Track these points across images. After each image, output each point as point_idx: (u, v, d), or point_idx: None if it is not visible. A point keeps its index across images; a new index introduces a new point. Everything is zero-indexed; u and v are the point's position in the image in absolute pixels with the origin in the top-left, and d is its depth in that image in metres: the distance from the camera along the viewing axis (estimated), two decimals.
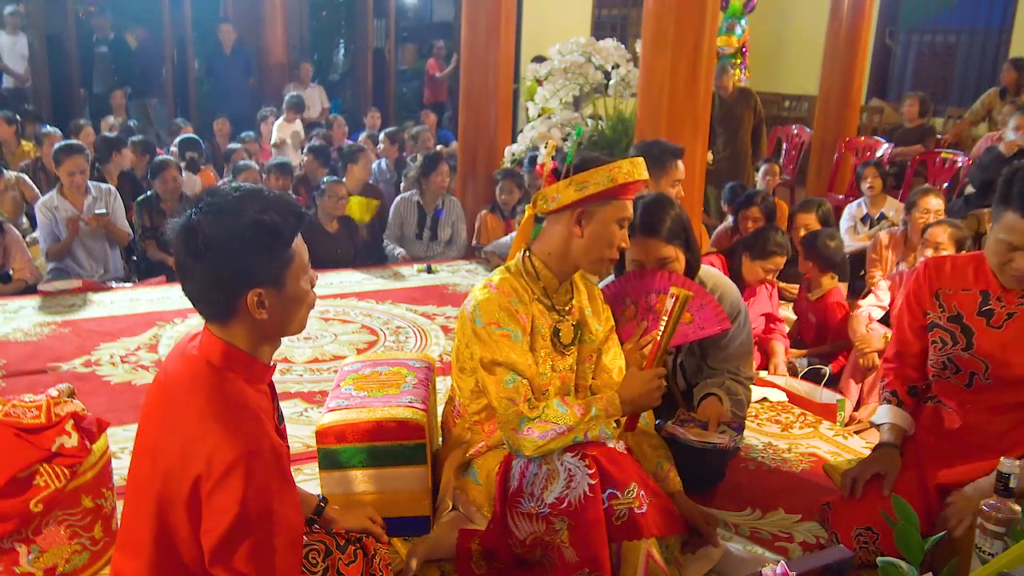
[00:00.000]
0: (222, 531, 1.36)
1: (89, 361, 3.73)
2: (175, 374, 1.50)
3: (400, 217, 5.68)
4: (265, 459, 1.39)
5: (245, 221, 1.42)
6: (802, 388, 3.51)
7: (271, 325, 1.49)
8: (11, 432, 1.99)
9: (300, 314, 1.54)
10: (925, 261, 2.25)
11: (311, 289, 1.54)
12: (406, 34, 12.75)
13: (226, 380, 1.46)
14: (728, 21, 7.45)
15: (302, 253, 1.51)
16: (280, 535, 1.41)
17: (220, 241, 1.41)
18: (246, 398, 1.46)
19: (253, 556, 1.38)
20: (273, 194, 1.50)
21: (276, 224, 1.43)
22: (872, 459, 2.21)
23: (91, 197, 4.80)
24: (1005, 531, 1.57)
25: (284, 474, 1.45)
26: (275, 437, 1.46)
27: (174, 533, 1.44)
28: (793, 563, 1.35)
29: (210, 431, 1.38)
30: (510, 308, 2.06)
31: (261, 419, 1.45)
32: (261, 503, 1.37)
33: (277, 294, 1.46)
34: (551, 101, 5.71)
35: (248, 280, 1.43)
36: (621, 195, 2.07)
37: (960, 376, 2.10)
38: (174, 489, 1.40)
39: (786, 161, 8.03)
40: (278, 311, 1.48)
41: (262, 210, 1.43)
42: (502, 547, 2.05)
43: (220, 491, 1.35)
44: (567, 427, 1.95)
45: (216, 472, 1.35)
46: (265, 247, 1.43)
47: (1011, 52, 8.45)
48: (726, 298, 2.55)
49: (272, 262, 1.44)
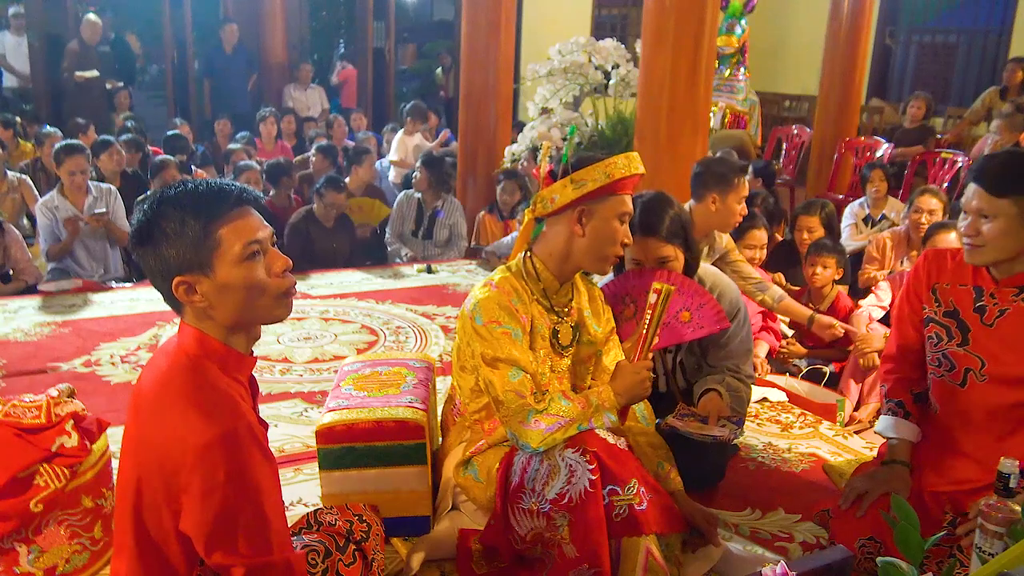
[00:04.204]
0: (212, 515, 1.34)
1: (89, 361, 3.73)
2: (155, 368, 1.50)
3: (401, 214, 5.70)
4: (242, 437, 1.37)
5: (157, 211, 1.42)
6: (802, 388, 3.52)
7: (222, 313, 1.45)
8: (11, 432, 1.99)
9: (252, 301, 1.46)
10: (925, 253, 2.20)
11: (269, 276, 1.47)
12: (406, 34, 12.77)
13: (200, 367, 1.44)
14: (728, 21, 7.45)
15: (244, 237, 1.43)
16: (271, 510, 1.40)
17: (144, 233, 1.43)
18: (218, 381, 1.44)
19: (249, 534, 1.37)
20: (201, 184, 1.46)
21: (185, 211, 1.41)
22: (882, 479, 2.10)
23: (91, 197, 4.81)
24: (1005, 531, 1.57)
25: (265, 451, 1.43)
26: (252, 417, 1.45)
27: (155, 531, 1.42)
28: (793, 563, 1.35)
29: (184, 417, 1.37)
30: (510, 307, 2.07)
31: (236, 400, 1.43)
32: (244, 480, 1.36)
33: (209, 281, 1.42)
34: (551, 101, 5.72)
35: (168, 268, 1.42)
36: (619, 190, 2.08)
37: (954, 374, 2.07)
38: (154, 483, 1.39)
39: (786, 161, 8.03)
40: (216, 298, 1.43)
41: (176, 198, 1.42)
42: (503, 544, 2.05)
43: (199, 475, 1.33)
44: (571, 418, 1.97)
45: (192, 456, 1.33)
46: (175, 234, 1.41)
47: (1011, 52, 8.45)
48: (725, 296, 2.55)
49: (188, 249, 1.41)
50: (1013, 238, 1.91)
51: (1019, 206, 1.88)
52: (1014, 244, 1.92)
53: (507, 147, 6.02)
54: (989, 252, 1.95)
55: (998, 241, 1.92)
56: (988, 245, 1.94)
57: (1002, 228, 1.91)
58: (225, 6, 9.92)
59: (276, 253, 1.50)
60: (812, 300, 3.89)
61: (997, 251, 1.94)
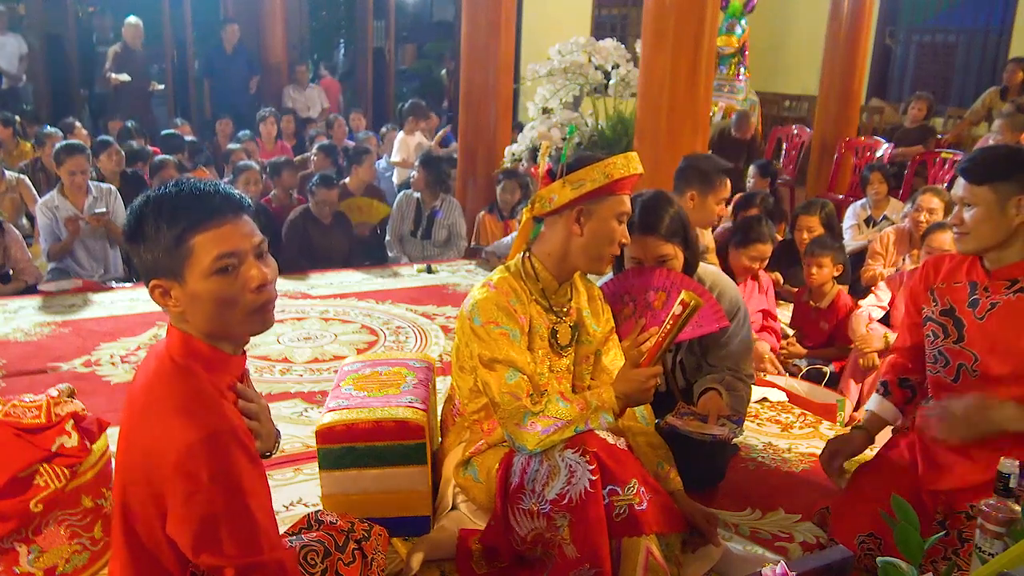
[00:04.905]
0: (196, 516, 1.33)
1: (89, 361, 3.73)
2: (145, 369, 1.50)
3: (400, 214, 5.70)
4: (226, 440, 1.36)
5: (141, 212, 1.41)
6: (802, 388, 3.51)
7: (196, 321, 1.43)
8: (11, 432, 1.98)
9: (222, 314, 1.42)
10: (925, 261, 2.29)
11: (244, 291, 1.41)
12: (406, 34, 12.77)
13: (185, 370, 1.43)
14: (728, 21, 7.46)
15: (217, 249, 1.39)
16: (259, 510, 1.38)
17: (129, 232, 1.42)
18: (202, 383, 1.42)
19: (236, 535, 1.35)
20: (187, 187, 1.42)
21: (161, 216, 1.39)
22: (840, 441, 2.29)
23: (91, 197, 4.81)
24: (1005, 531, 1.57)
25: (250, 453, 1.41)
26: (237, 419, 1.43)
27: (146, 535, 1.42)
28: (793, 563, 1.35)
29: (167, 420, 1.36)
30: (508, 307, 2.07)
31: (220, 403, 1.42)
32: (228, 481, 1.34)
33: (180, 289, 1.41)
34: (551, 101, 5.72)
35: (146, 270, 1.42)
36: (618, 190, 2.08)
37: (948, 369, 2.11)
38: (140, 486, 1.39)
39: (786, 161, 8.03)
40: (188, 306, 1.42)
41: (157, 201, 1.40)
42: (503, 544, 2.05)
43: (182, 477, 1.32)
44: (567, 420, 1.97)
45: (174, 458, 1.32)
46: (151, 239, 1.39)
47: (1011, 52, 8.45)
48: (725, 296, 2.55)
49: (162, 254, 1.39)
50: (993, 224, 2.00)
51: (997, 192, 1.98)
52: (994, 230, 2.00)
53: (507, 147, 6.02)
54: (972, 240, 2.04)
55: (979, 228, 2.01)
56: (972, 232, 2.03)
57: (981, 215, 1.99)
58: (225, 6, 9.92)
59: (254, 267, 1.43)
60: (812, 299, 3.90)
61: (980, 238, 2.02)
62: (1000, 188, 1.97)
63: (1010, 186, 1.96)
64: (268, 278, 1.44)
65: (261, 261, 1.46)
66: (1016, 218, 1.97)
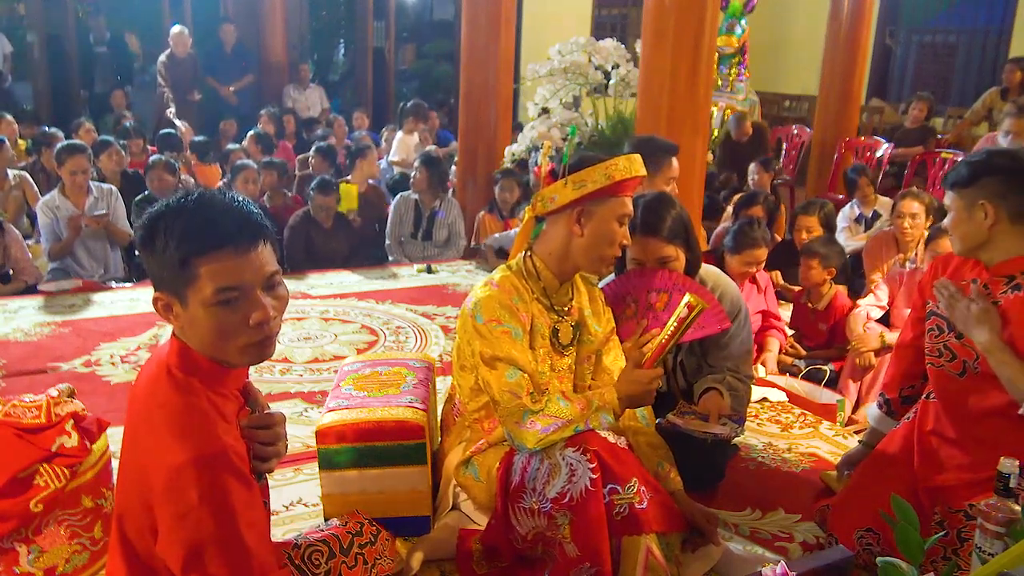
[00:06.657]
0: (185, 537, 1.31)
1: (89, 361, 3.73)
2: (147, 375, 1.48)
3: (399, 217, 5.69)
4: (217, 463, 1.34)
5: (153, 224, 1.38)
6: (802, 388, 3.52)
7: (193, 342, 1.41)
8: (11, 432, 1.98)
9: (217, 343, 1.40)
10: (936, 258, 2.32)
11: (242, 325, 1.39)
12: (406, 34, 12.77)
13: (182, 385, 1.41)
14: (728, 21, 7.45)
15: (220, 281, 1.35)
16: (249, 533, 1.35)
17: (140, 240, 1.41)
18: (199, 401, 1.40)
19: (225, 559, 1.33)
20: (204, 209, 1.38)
21: (171, 236, 1.35)
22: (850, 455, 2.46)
23: (92, 197, 4.81)
24: (1005, 531, 1.57)
25: (241, 475, 1.38)
26: (230, 439, 1.41)
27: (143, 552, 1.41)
28: (793, 563, 1.35)
29: (159, 438, 1.35)
30: (511, 305, 2.07)
31: (214, 421, 1.40)
32: (218, 505, 1.32)
33: (182, 307, 1.39)
34: (551, 101, 5.72)
35: (153, 279, 1.41)
36: (619, 192, 2.08)
37: (954, 364, 2.11)
38: (134, 501, 1.38)
39: (786, 161, 8.03)
40: (187, 327, 1.40)
41: (171, 218, 1.37)
42: (504, 544, 2.05)
43: (172, 497, 1.31)
44: (567, 419, 1.97)
45: (164, 478, 1.31)
46: (159, 254, 1.37)
47: (1011, 52, 8.45)
48: (726, 297, 2.55)
49: (168, 272, 1.37)
50: (965, 228, 2.05)
51: (963, 198, 2.05)
52: (967, 233, 2.05)
53: (507, 147, 6.02)
54: (956, 243, 2.12)
55: (955, 230, 2.08)
56: (953, 236, 2.12)
57: (954, 220, 2.08)
58: (225, 6, 9.92)
59: (258, 302, 1.39)
60: (810, 300, 3.90)
61: (959, 240, 2.10)
62: (965, 194, 2.04)
63: (976, 191, 2.01)
64: (270, 315, 1.41)
65: (271, 293, 1.42)
66: (985, 222, 2.00)
